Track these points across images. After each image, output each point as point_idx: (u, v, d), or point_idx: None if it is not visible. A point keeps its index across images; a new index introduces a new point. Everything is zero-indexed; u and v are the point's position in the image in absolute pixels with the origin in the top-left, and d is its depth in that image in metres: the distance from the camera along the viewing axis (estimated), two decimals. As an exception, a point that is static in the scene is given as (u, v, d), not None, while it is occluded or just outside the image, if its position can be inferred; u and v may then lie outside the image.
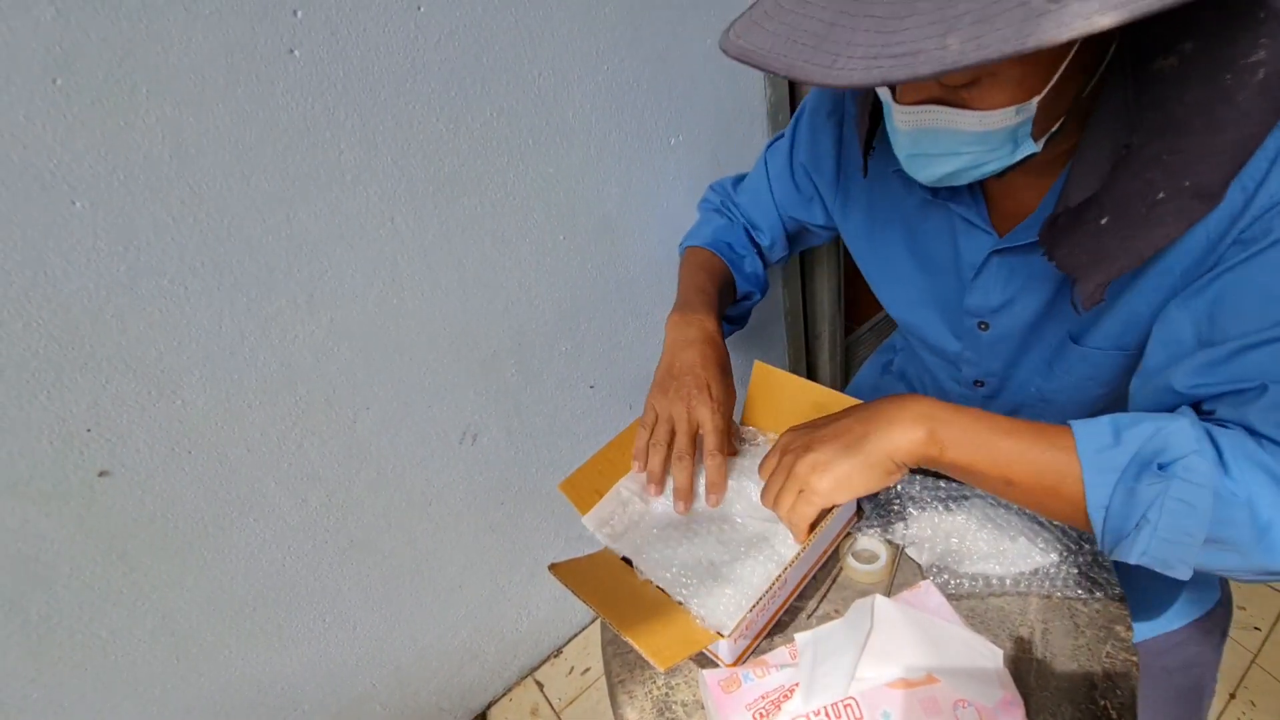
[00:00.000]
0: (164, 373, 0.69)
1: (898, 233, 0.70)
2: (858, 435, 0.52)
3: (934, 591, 0.57)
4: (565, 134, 0.87)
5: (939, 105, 0.46)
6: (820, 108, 0.73)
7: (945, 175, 0.51)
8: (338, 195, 0.72)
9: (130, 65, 0.57)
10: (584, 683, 1.32)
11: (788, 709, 0.50)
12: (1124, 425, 0.46)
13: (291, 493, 0.84)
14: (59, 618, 0.73)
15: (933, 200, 0.63)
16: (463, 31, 0.73)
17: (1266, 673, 1.12)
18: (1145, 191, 0.46)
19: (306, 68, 0.65)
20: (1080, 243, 0.50)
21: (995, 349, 0.69)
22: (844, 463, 0.52)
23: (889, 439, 0.51)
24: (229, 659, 0.88)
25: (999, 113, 0.45)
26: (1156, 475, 0.43)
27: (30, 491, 0.66)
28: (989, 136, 0.47)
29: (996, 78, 0.44)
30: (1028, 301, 0.62)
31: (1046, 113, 0.47)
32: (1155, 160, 0.46)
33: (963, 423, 0.50)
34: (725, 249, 0.82)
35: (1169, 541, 0.43)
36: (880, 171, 0.67)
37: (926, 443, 0.50)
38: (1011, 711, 0.48)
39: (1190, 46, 0.43)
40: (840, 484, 0.52)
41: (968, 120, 0.46)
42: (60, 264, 0.60)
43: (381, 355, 0.84)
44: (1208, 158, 0.44)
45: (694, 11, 0.93)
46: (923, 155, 0.50)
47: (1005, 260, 0.61)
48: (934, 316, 0.72)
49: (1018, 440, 0.48)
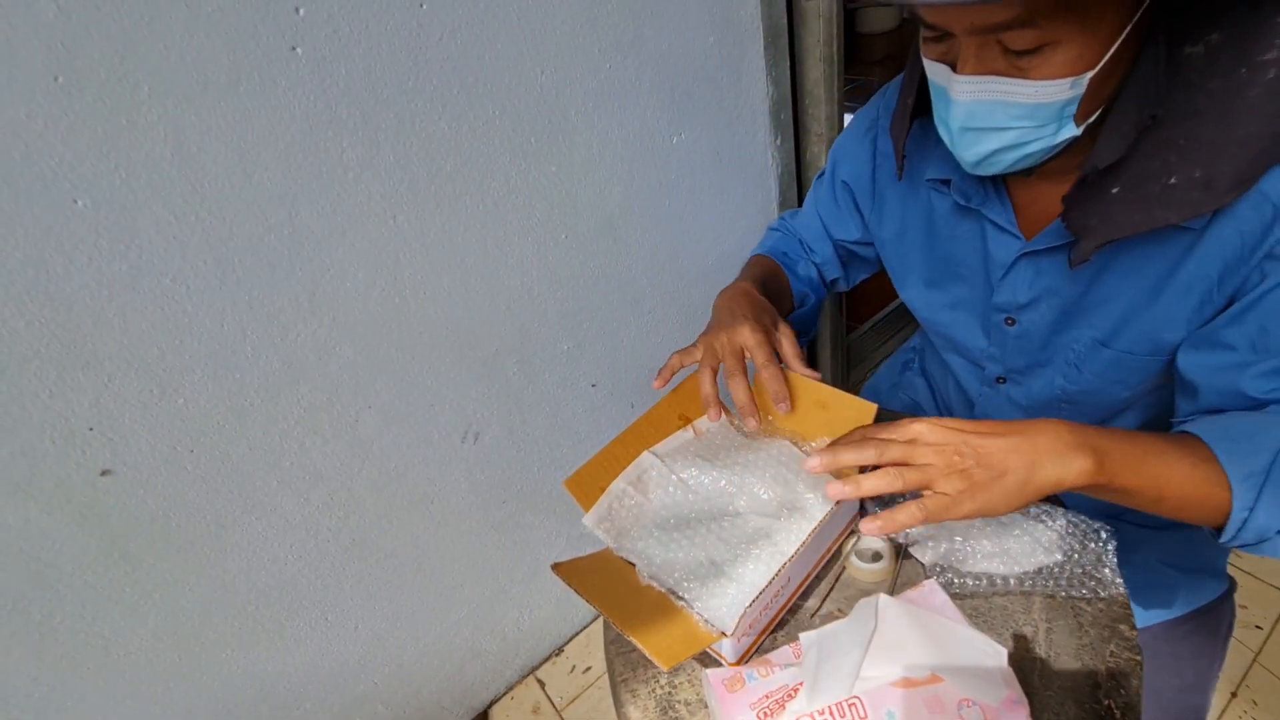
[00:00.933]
0: (166, 371, 0.69)
1: (930, 239, 0.73)
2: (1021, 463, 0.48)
3: (938, 590, 0.57)
4: (567, 132, 0.87)
5: (999, 77, 0.48)
6: (858, 129, 0.78)
7: (990, 154, 0.52)
8: (339, 193, 0.72)
9: (132, 63, 0.57)
10: (586, 681, 1.32)
11: (792, 708, 0.50)
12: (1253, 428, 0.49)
13: (293, 491, 0.84)
14: (61, 616, 0.73)
15: (964, 207, 0.66)
16: (465, 29, 0.73)
17: (1268, 671, 1.12)
18: (1161, 172, 0.49)
19: (308, 65, 0.65)
20: (1093, 207, 0.53)
21: (1020, 345, 0.70)
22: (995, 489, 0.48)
23: (1059, 472, 0.48)
24: (231, 657, 0.88)
25: (1054, 84, 0.47)
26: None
27: (32, 490, 0.66)
28: (1039, 111, 0.48)
29: (1059, 47, 0.45)
30: (1053, 301, 0.64)
31: (1093, 94, 0.48)
32: (1173, 143, 0.48)
33: (1119, 446, 0.49)
34: (780, 255, 0.86)
35: None
36: (913, 182, 0.70)
37: (1096, 472, 0.48)
38: (1016, 711, 0.48)
39: (1216, 37, 0.46)
40: (983, 509, 0.48)
41: (1024, 91, 0.47)
42: (62, 262, 0.60)
43: (383, 354, 0.84)
44: (1219, 150, 0.46)
45: (696, 9, 0.92)
46: (974, 129, 0.51)
47: (1033, 262, 0.63)
48: (963, 317, 0.74)
49: (1166, 458, 0.49)
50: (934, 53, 0.51)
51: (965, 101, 0.50)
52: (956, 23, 0.47)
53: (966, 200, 0.65)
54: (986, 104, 0.49)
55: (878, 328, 1.91)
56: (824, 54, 1.10)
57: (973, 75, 0.49)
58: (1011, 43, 0.46)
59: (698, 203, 1.03)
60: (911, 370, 0.97)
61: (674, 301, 1.14)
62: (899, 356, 1.03)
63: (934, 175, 0.66)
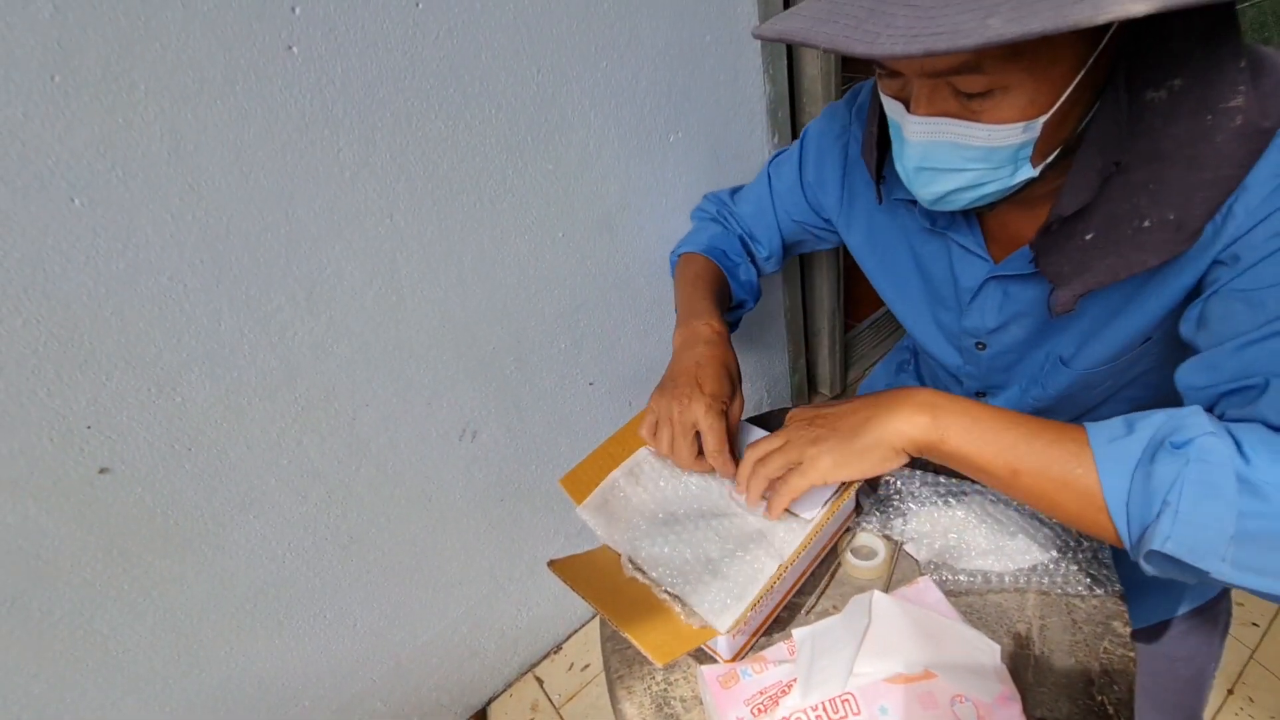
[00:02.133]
0: (163, 370, 0.69)
1: (900, 255, 0.72)
2: (862, 419, 0.53)
3: (932, 587, 0.57)
4: (564, 131, 0.87)
5: (952, 119, 0.47)
6: (828, 130, 0.75)
7: (946, 194, 0.52)
8: (336, 192, 0.72)
9: (128, 62, 0.57)
10: (584, 679, 1.32)
11: (785, 704, 0.50)
12: (1136, 418, 0.46)
13: (291, 489, 0.84)
14: (60, 614, 0.73)
15: (932, 229, 0.66)
16: (461, 28, 0.73)
17: (1265, 668, 1.13)
18: (1132, 216, 0.49)
19: (305, 64, 0.65)
20: (1066, 254, 0.53)
21: (994, 365, 0.71)
22: (846, 443, 0.53)
23: (891, 424, 0.51)
24: (229, 655, 0.89)
25: (1007, 128, 0.46)
26: (1172, 452, 0.42)
27: (30, 488, 0.66)
28: (993, 154, 0.48)
29: (1009, 92, 0.45)
30: (1023, 323, 0.65)
31: (1048, 138, 0.48)
32: (1143, 187, 0.48)
33: (967, 410, 0.50)
34: (720, 256, 0.84)
35: (1194, 525, 0.41)
36: (886, 200, 0.69)
37: (928, 428, 0.50)
38: (1008, 706, 0.48)
39: (1179, 83, 0.46)
40: (839, 464, 0.53)
41: (977, 135, 0.47)
42: (59, 261, 0.60)
43: (381, 352, 0.84)
44: (1189, 194, 0.46)
45: (693, 7, 0.92)
46: (929, 169, 0.51)
47: (1001, 285, 0.63)
48: (936, 333, 0.74)
49: (1025, 430, 0.48)
50: (890, 89, 0.51)
51: (919, 142, 0.50)
52: (906, 65, 0.47)
53: (932, 223, 0.65)
54: (940, 145, 0.49)
55: (877, 325, 1.91)
56: (820, 52, 1.10)
57: (926, 116, 0.48)
58: (962, 85, 0.45)
59: (695, 201, 1.03)
60: (906, 372, 0.97)
61: (671, 300, 1.14)
62: (894, 356, 1.03)
63: (901, 196, 0.65)
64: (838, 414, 0.56)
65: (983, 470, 0.50)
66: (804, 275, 1.43)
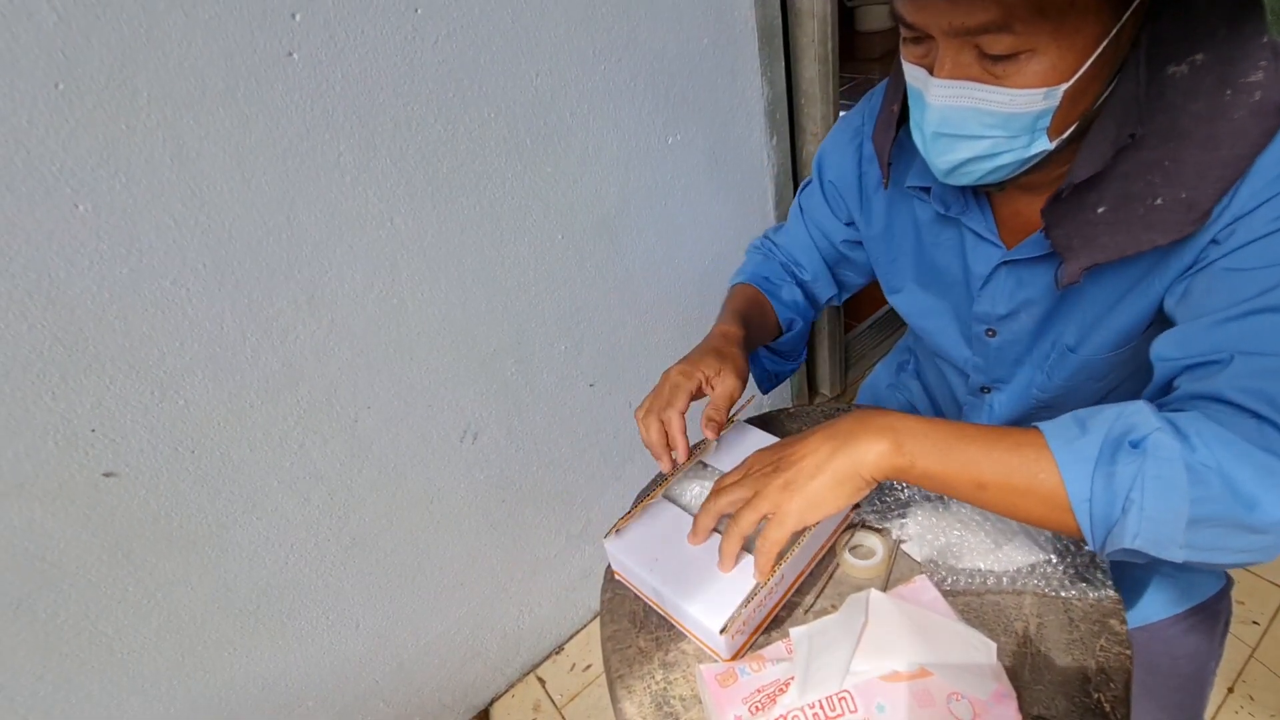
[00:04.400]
0: (167, 373, 0.70)
1: (913, 245, 0.73)
2: (826, 454, 0.52)
3: (928, 586, 0.57)
4: (563, 134, 0.87)
5: (974, 83, 0.48)
6: (841, 135, 0.78)
7: (962, 163, 0.53)
8: (337, 196, 0.73)
9: (131, 70, 0.58)
10: (586, 679, 1.33)
11: (783, 703, 0.51)
12: (1086, 415, 0.46)
13: (294, 491, 0.85)
14: (65, 615, 0.74)
15: (945, 215, 0.66)
16: (460, 33, 0.74)
17: (1265, 667, 1.13)
18: (1145, 194, 0.49)
19: (305, 70, 0.66)
20: (1076, 227, 0.53)
21: (1002, 355, 0.71)
22: (813, 482, 0.51)
23: (856, 455, 0.51)
24: (233, 656, 0.89)
25: (1028, 93, 0.47)
26: (1131, 452, 0.43)
27: (36, 491, 0.67)
28: (1012, 121, 0.49)
29: (1034, 56, 0.46)
30: (1032, 311, 0.65)
31: (1067, 109, 0.49)
32: (1158, 165, 0.48)
33: (928, 431, 0.50)
34: (762, 280, 0.85)
35: (1157, 521, 0.42)
36: (898, 188, 0.70)
37: (893, 454, 0.50)
38: (1004, 704, 0.49)
39: (1201, 59, 0.46)
40: (812, 505, 0.51)
41: (998, 99, 0.48)
42: (64, 267, 0.61)
43: (382, 355, 0.85)
44: (1204, 172, 0.46)
45: (691, 10, 0.93)
46: (947, 136, 0.52)
47: (1013, 271, 0.64)
48: (946, 324, 0.74)
49: (984, 442, 0.48)
50: (913, 55, 0.52)
51: (940, 106, 0.51)
52: (935, 23, 0.48)
53: (946, 209, 0.65)
54: (960, 110, 0.50)
55: (876, 326, 1.91)
56: (819, 53, 1.11)
57: (949, 79, 0.49)
58: (988, 47, 0.46)
59: (694, 202, 1.03)
60: (906, 372, 0.98)
61: (671, 300, 1.15)
62: (895, 356, 1.03)
63: (915, 183, 0.66)
64: (800, 453, 0.54)
65: (948, 486, 0.50)
66: (804, 276, 1.44)
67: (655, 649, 0.61)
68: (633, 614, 0.65)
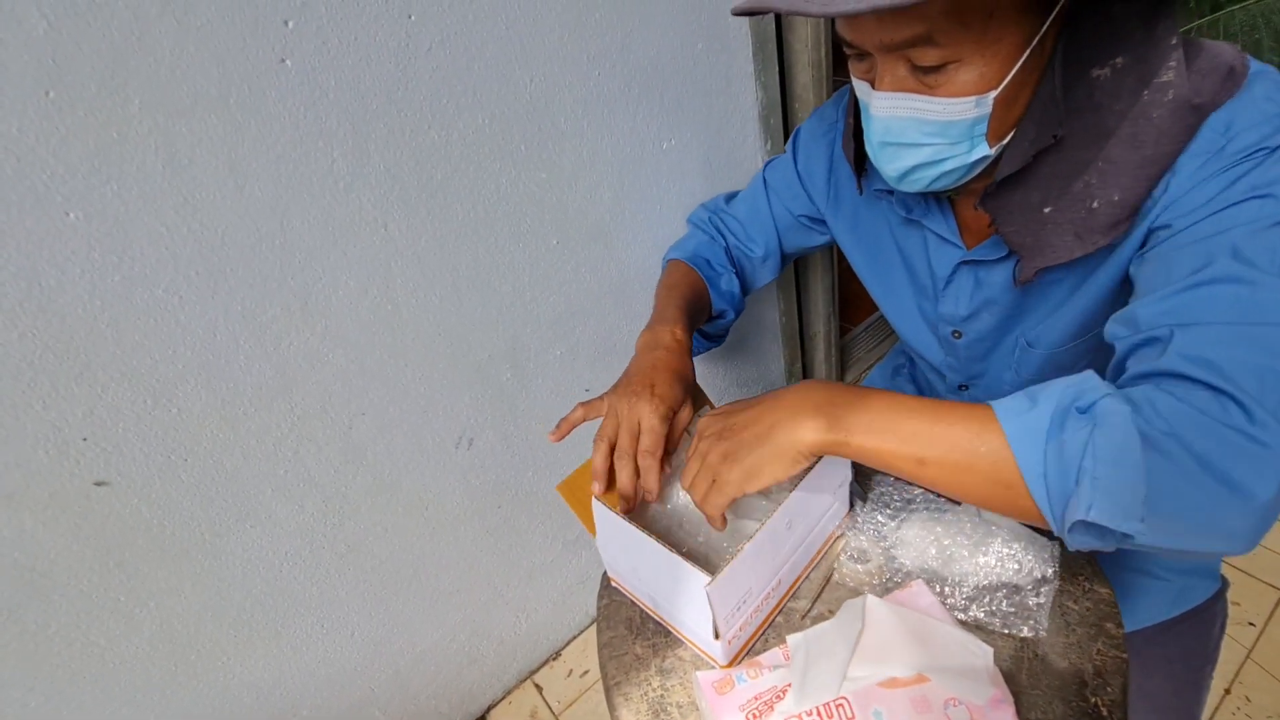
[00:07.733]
0: (159, 381, 0.70)
1: (883, 248, 0.75)
2: (766, 426, 0.53)
3: (925, 591, 0.57)
4: (557, 139, 0.87)
5: (911, 94, 0.51)
6: (816, 128, 0.80)
7: (909, 170, 0.55)
8: (330, 203, 0.73)
9: (122, 77, 0.58)
10: (583, 685, 1.32)
11: (780, 709, 0.51)
12: (1037, 390, 0.45)
13: (288, 499, 0.85)
14: (56, 625, 0.73)
15: (909, 218, 0.68)
16: (453, 39, 0.74)
17: (1261, 668, 1.13)
18: (1084, 195, 0.52)
19: (298, 77, 0.66)
20: (1026, 225, 0.56)
21: (971, 354, 0.73)
22: (751, 455, 0.52)
23: (793, 430, 0.51)
24: (227, 665, 0.89)
25: (961, 102, 0.50)
26: (1079, 418, 0.42)
27: (27, 500, 0.66)
28: (950, 128, 0.51)
29: (961, 66, 0.48)
30: (993, 310, 0.67)
31: (1000, 115, 0.51)
32: (1092, 164, 0.51)
33: (867, 405, 0.49)
34: (704, 265, 0.85)
35: (1111, 490, 0.40)
36: (867, 191, 0.72)
37: (829, 430, 0.50)
38: (1002, 709, 0.48)
39: (1121, 61, 0.49)
40: (749, 475, 0.53)
41: (934, 108, 0.51)
42: (55, 275, 0.60)
43: (376, 361, 0.84)
44: (1130, 171, 0.49)
45: (685, 16, 0.93)
46: (892, 145, 0.55)
47: (972, 272, 0.66)
48: (919, 325, 0.76)
49: (927, 416, 0.47)
50: (858, 71, 0.55)
51: (883, 117, 0.53)
52: (869, 40, 0.50)
53: (908, 212, 0.68)
54: (901, 120, 0.52)
55: (873, 328, 1.91)
56: (812, 59, 1.11)
57: (889, 91, 0.52)
58: (918, 59, 0.49)
59: (688, 208, 1.03)
60: (902, 376, 0.98)
61: (666, 306, 1.15)
62: (890, 360, 1.03)
63: (879, 187, 0.69)
64: (743, 422, 0.55)
65: (889, 464, 0.48)
66: (799, 279, 1.44)
67: (652, 655, 0.61)
68: (629, 620, 0.65)
